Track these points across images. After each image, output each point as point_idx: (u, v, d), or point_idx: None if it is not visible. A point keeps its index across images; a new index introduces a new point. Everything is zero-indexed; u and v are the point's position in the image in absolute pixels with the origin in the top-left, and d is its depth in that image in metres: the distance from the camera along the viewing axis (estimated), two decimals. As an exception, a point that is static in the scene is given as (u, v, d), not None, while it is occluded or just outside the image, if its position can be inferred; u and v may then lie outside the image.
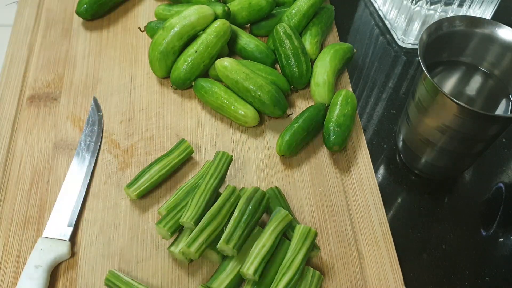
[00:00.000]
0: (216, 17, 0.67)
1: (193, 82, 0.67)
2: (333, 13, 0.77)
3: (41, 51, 0.73)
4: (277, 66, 0.72)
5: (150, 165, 0.57)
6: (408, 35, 0.78)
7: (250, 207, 0.51)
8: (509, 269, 0.56)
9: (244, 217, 0.51)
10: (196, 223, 0.51)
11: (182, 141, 0.59)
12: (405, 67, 0.77)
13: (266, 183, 0.60)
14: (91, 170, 0.60)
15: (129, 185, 0.55)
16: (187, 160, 0.61)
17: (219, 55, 0.68)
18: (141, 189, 0.55)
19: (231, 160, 0.57)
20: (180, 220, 0.51)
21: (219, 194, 0.54)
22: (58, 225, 0.54)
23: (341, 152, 0.64)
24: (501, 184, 0.63)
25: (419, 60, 0.52)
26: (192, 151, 0.59)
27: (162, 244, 0.54)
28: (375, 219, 0.58)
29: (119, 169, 0.60)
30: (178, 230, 0.52)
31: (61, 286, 0.51)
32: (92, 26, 0.77)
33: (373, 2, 0.85)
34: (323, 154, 0.63)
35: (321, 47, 0.73)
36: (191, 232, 0.50)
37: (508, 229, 0.59)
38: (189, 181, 0.57)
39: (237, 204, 0.52)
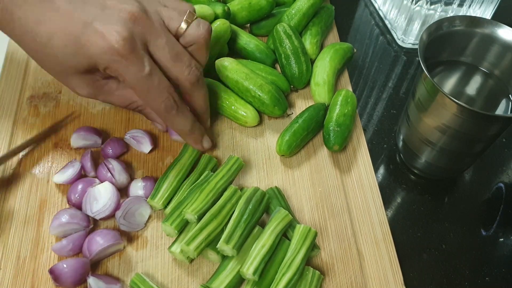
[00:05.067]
0: (216, 17, 0.67)
1: (193, 82, 0.67)
2: (333, 13, 0.77)
3: (41, 51, 0.72)
4: (277, 65, 0.72)
5: (166, 173, 0.57)
6: (408, 35, 0.78)
7: (250, 207, 0.51)
8: (509, 269, 0.56)
9: (244, 217, 0.51)
10: (200, 217, 0.51)
11: None
12: (405, 67, 0.77)
13: (266, 183, 0.60)
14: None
15: (153, 197, 0.55)
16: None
17: (219, 55, 0.68)
18: (164, 197, 0.55)
19: (242, 167, 0.57)
20: (184, 211, 0.51)
21: (220, 195, 0.54)
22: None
23: (341, 152, 0.64)
24: (501, 184, 0.63)
25: (419, 60, 0.52)
26: None
27: (162, 244, 0.54)
28: (375, 219, 0.58)
29: (119, 169, 0.60)
30: (184, 227, 0.53)
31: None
32: (92, 26, 0.76)
33: (373, 2, 0.85)
34: (323, 154, 0.63)
35: (321, 46, 0.73)
36: (191, 230, 0.50)
37: (508, 229, 0.59)
38: (190, 178, 0.57)
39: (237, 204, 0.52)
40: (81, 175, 0.58)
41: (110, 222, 0.56)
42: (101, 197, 0.54)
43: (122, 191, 0.58)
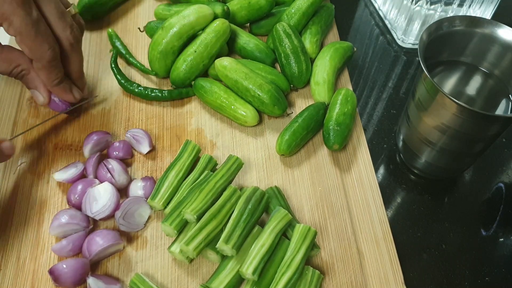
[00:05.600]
0: (215, 17, 0.67)
1: (193, 82, 0.67)
2: (333, 12, 0.76)
3: (41, 51, 0.72)
4: (277, 65, 0.72)
5: (166, 173, 0.57)
6: (408, 35, 0.78)
7: (249, 206, 0.51)
8: (509, 269, 0.56)
9: (244, 216, 0.51)
10: (199, 217, 0.51)
11: (188, 142, 0.59)
12: (405, 67, 0.76)
13: (265, 182, 0.60)
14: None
15: (153, 197, 0.55)
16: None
17: (219, 55, 0.68)
18: (165, 198, 0.55)
19: (241, 166, 0.57)
20: (183, 211, 0.51)
21: (219, 194, 0.54)
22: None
23: (341, 151, 0.64)
24: (501, 184, 0.63)
25: (419, 60, 0.52)
26: (199, 149, 0.59)
27: (162, 244, 0.54)
28: (375, 219, 0.58)
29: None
30: (183, 227, 0.53)
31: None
32: (92, 26, 0.76)
33: (373, 2, 0.85)
34: (323, 153, 0.63)
35: (321, 46, 0.73)
36: (191, 230, 0.50)
37: (508, 229, 0.59)
38: (189, 178, 0.57)
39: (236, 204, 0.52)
40: (82, 175, 0.58)
41: (110, 223, 0.56)
42: (100, 197, 0.54)
43: (122, 191, 0.58)
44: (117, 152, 0.60)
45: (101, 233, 0.52)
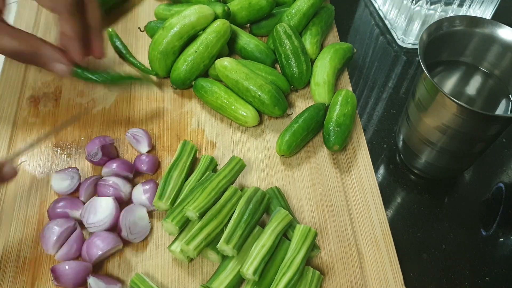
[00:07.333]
0: (216, 17, 0.67)
1: (193, 82, 0.67)
2: (333, 13, 0.77)
3: (41, 51, 0.72)
4: (277, 66, 0.72)
5: (169, 173, 0.56)
6: (408, 35, 0.78)
7: (250, 207, 0.51)
8: (509, 269, 0.56)
9: (244, 217, 0.51)
10: (201, 215, 0.51)
11: (185, 142, 0.59)
12: (405, 67, 0.77)
13: (266, 183, 0.60)
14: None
15: (160, 197, 0.54)
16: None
17: (219, 55, 0.68)
18: (171, 197, 0.55)
19: (243, 168, 0.57)
20: (185, 208, 0.51)
21: (221, 194, 0.54)
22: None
23: (341, 151, 0.64)
24: (501, 184, 0.63)
25: (419, 60, 0.52)
26: (197, 150, 0.59)
27: (162, 244, 0.54)
28: (375, 219, 0.58)
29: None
30: (185, 225, 0.53)
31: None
32: (92, 26, 0.76)
33: (373, 2, 0.85)
34: (323, 154, 0.63)
35: (321, 46, 0.73)
36: (192, 229, 0.50)
37: (508, 229, 0.59)
38: (191, 178, 0.57)
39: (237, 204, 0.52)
40: (77, 187, 0.57)
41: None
42: (101, 211, 0.53)
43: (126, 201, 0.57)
44: (117, 168, 0.58)
45: (101, 236, 0.51)
